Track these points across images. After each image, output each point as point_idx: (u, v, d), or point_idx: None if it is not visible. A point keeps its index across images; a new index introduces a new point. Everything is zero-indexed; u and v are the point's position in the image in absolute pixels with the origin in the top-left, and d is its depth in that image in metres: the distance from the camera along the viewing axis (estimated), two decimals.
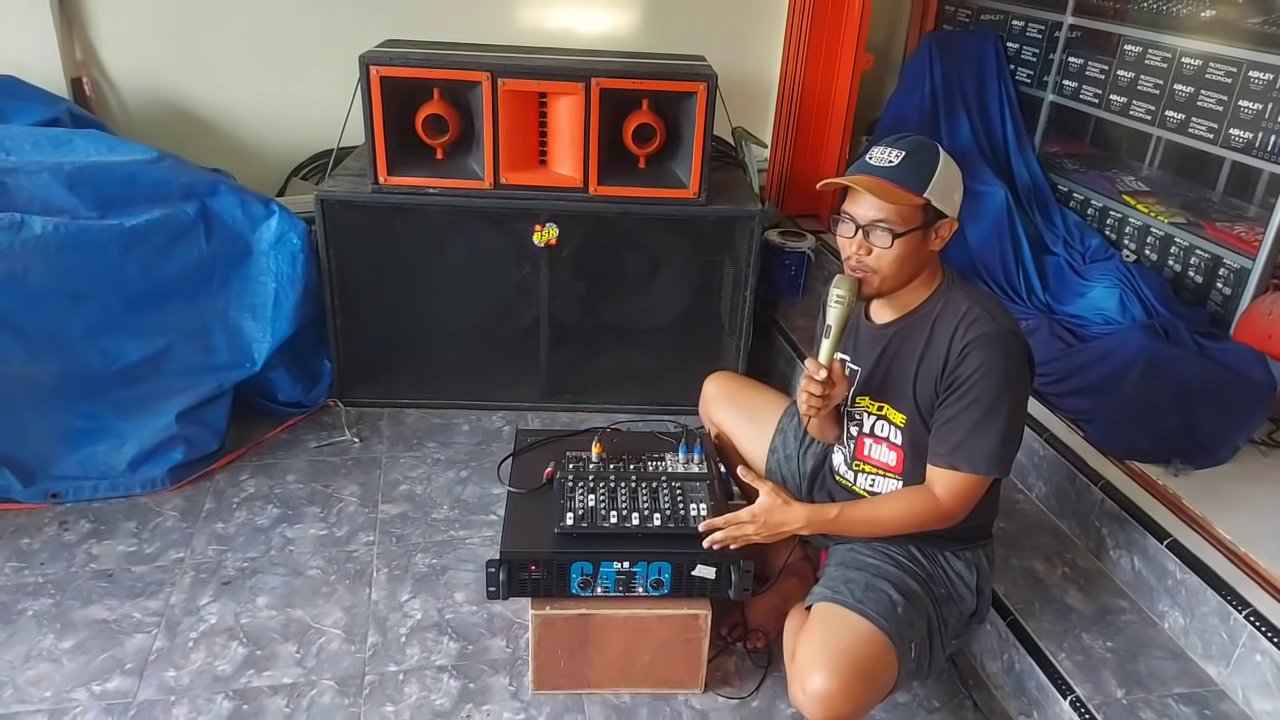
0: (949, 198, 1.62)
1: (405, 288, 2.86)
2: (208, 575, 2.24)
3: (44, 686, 1.90)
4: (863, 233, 1.61)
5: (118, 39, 3.34)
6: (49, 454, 2.46)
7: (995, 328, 1.60)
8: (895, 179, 1.57)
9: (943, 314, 1.67)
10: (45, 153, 2.49)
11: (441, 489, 2.62)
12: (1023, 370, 1.64)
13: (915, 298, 1.71)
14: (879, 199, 1.57)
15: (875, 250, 1.61)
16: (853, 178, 1.60)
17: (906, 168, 1.58)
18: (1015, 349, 1.62)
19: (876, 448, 1.80)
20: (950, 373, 1.63)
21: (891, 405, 1.75)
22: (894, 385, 1.73)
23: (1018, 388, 1.64)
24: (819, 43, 3.64)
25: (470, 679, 1.98)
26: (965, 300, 1.66)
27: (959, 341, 1.61)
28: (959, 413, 1.62)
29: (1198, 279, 2.81)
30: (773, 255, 3.42)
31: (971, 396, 1.60)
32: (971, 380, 1.60)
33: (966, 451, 1.62)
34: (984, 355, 1.59)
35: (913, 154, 1.59)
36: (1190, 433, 2.25)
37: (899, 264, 1.62)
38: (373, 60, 2.56)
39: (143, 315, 2.55)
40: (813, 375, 1.67)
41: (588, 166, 2.70)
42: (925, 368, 1.67)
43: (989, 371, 1.59)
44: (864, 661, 1.57)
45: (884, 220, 1.58)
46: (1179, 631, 1.94)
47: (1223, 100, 2.70)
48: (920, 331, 1.69)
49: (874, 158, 1.61)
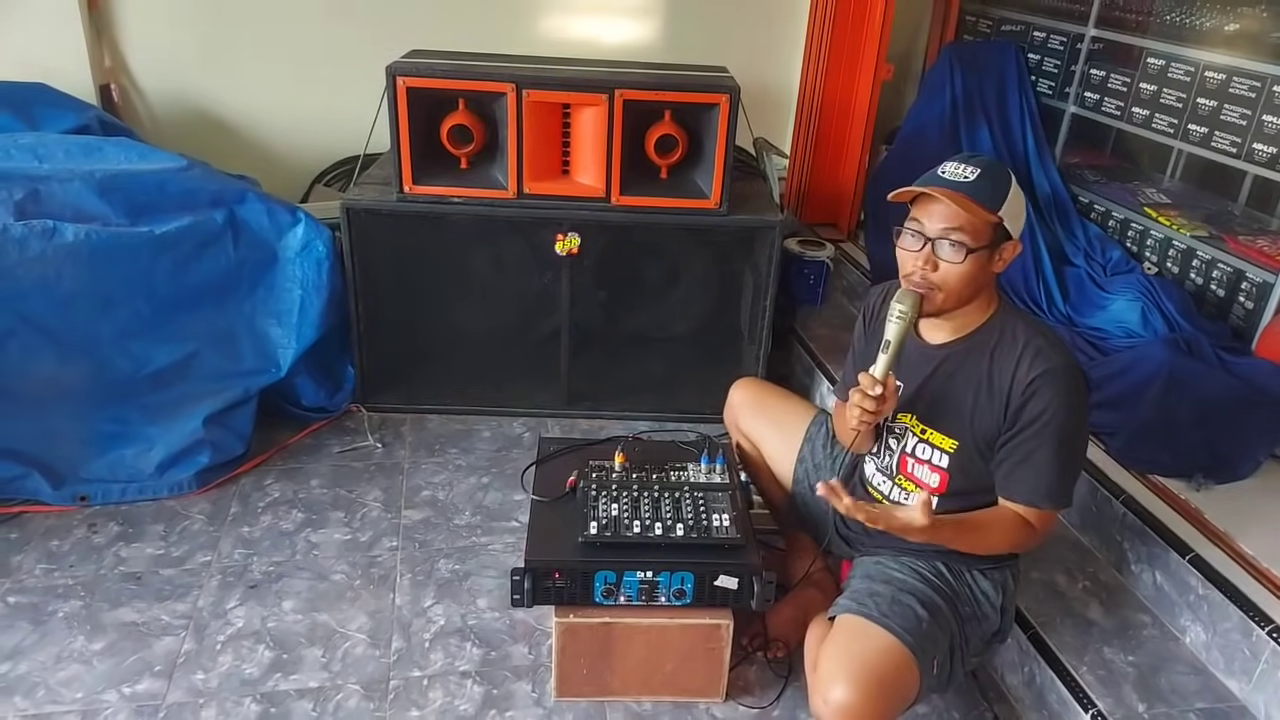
0: (1017, 220, 1.60)
1: (428, 295, 2.89)
2: (234, 579, 2.27)
3: (75, 687, 1.93)
4: (930, 246, 1.58)
5: (146, 46, 3.39)
6: (78, 457, 2.50)
7: (1062, 362, 1.60)
8: (972, 194, 1.55)
9: (1001, 343, 1.65)
10: (77, 160, 2.54)
11: (463, 495, 2.64)
12: (1086, 405, 1.64)
13: (971, 321, 1.68)
14: (957, 209, 1.55)
15: (942, 265, 1.58)
16: (933, 187, 1.57)
17: (983, 184, 1.55)
18: (1080, 384, 1.62)
19: (919, 468, 1.78)
20: (1017, 409, 1.61)
21: (941, 430, 1.73)
22: (946, 411, 1.71)
23: (1084, 422, 1.65)
24: (839, 53, 3.65)
25: (494, 685, 2.00)
26: (1024, 330, 1.65)
27: (1023, 375, 1.60)
28: (1031, 452, 1.61)
29: (1220, 293, 2.81)
30: (792, 264, 3.43)
31: (1044, 437, 1.60)
32: (1044, 420, 1.59)
33: (1046, 489, 1.63)
34: (1052, 392, 1.58)
35: (987, 172, 1.57)
36: (1212, 447, 2.25)
37: (964, 281, 1.59)
38: (399, 71, 2.58)
39: (171, 321, 2.58)
40: (868, 390, 1.62)
41: (610, 177, 2.72)
42: (985, 399, 1.65)
43: (1060, 410, 1.58)
44: (886, 675, 1.56)
45: (957, 233, 1.56)
46: (1200, 647, 1.94)
47: (1246, 115, 2.70)
48: (978, 359, 1.67)
49: (948, 172, 1.58)
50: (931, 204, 1.58)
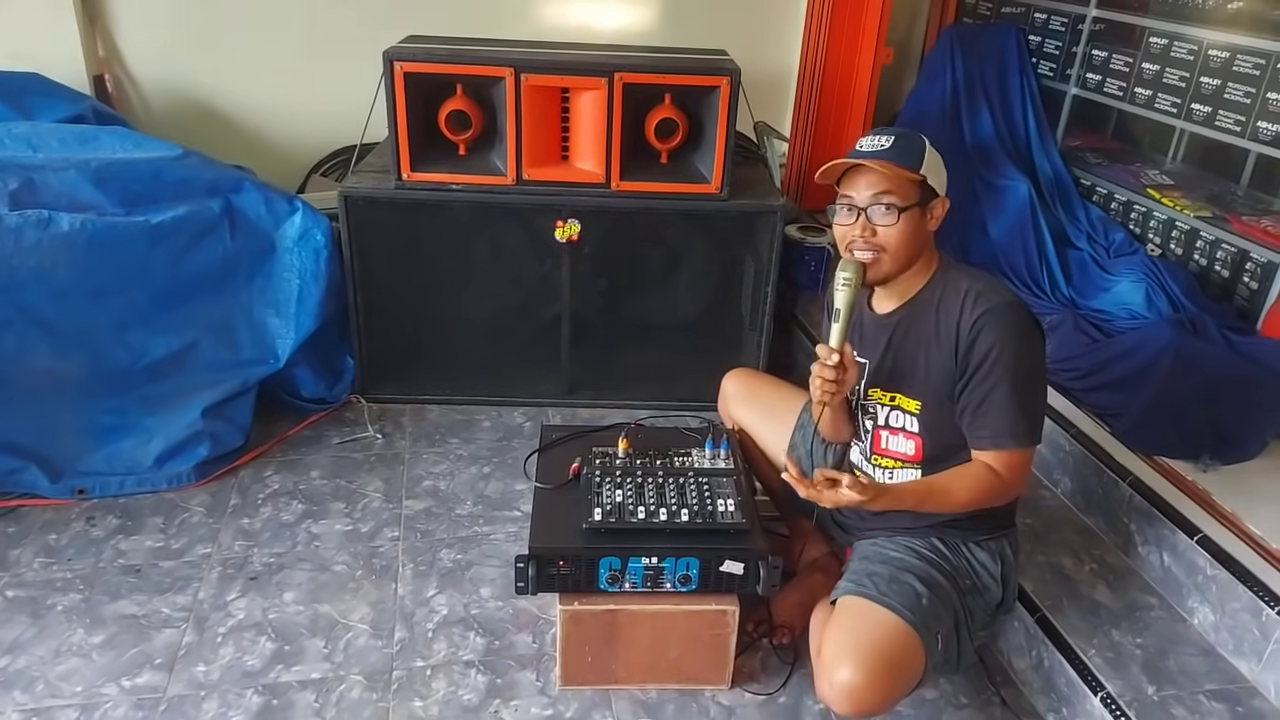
0: (939, 177, 1.68)
1: (427, 284, 2.87)
2: (235, 571, 2.25)
3: (75, 681, 1.91)
4: (864, 215, 1.65)
5: (140, 36, 3.36)
6: (76, 449, 2.48)
7: (1000, 300, 1.63)
8: (892, 158, 1.62)
9: (944, 296, 1.69)
10: (72, 149, 2.51)
11: (465, 485, 2.62)
12: (1035, 336, 1.67)
13: (915, 283, 1.74)
14: (880, 174, 1.62)
15: (880, 230, 1.65)
16: (853, 158, 1.65)
17: (899, 148, 1.64)
18: (1024, 317, 1.65)
19: (894, 439, 1.80)
20: (965, 353, 1.64)
21: (904, 393, 1.76)
22: (904, 373, 1.75)
23: (1037, 355, 1.67)
24: (839, 36, 3.63)
25: (498, 674, 1.98)
26: (964, 279, 1.69)
27: (967, 320, 1.63)
28: (988, 393, 1.63)
29: (1224, 273, 2.79)
30: (792, 250, 3.40)
31: (997, 374, 1.62)
32: (992, 357, 1.61)
33: (1009, 429, 1.64)
34: (997, 330, 1.61)
35: (900, 138, 1.65)
36: (1218, 427, 2.24)
37: (904, 240, 1.65)
38: (397, 56, 2.56)
39: (169, 311, 2.56)
40: (825, 360, 1.67)
41: (610, 162, 2.70)
42: (936, 351, 1.69)
43: (1006, 345, 1.61)
44: (890, 654, 1.57)
45: (886, 195, 1.63)
46: (1209, 628, 1.93)
47: (1250, 93, 2.68)
48: (925, 316, 1.71)
49: (864, 145, 1.66)
50: (857, 176, 1.66)
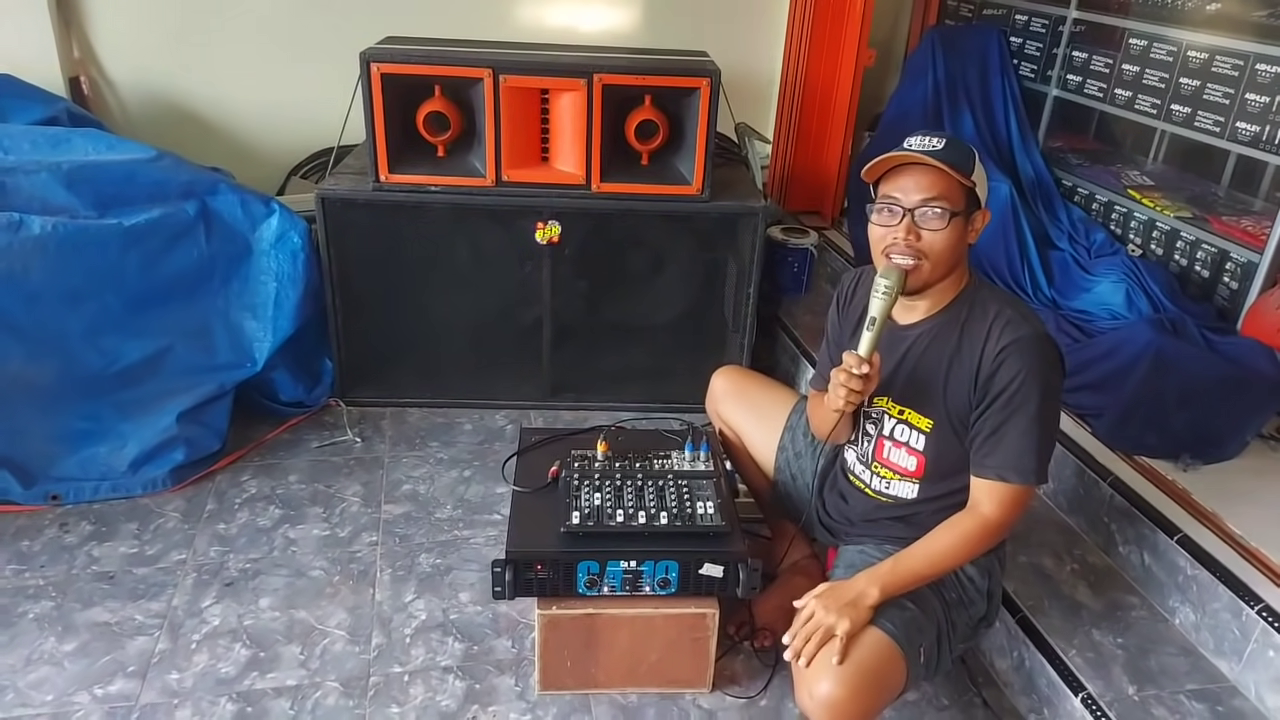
0: (984, 187, 1.61)
1: (407, 286, 2.85)
2: (210, 576, 2.22)
3: (46, 690, 1.88)
4: (910, 217, 1.56)
5: (116, 38, 3.32)
6: (49, 455, 2.44)
7: (1030, 332, 1.57)
8: (946, 160, 1.53)
9: (971, 317, 1.63)
10: (44, 152, 2.48)
11: (445, 489, 2.60)
12: (1058, 375, 1.62)
13: (943, 297, 1.66)
14: (934, 177, 1.54)
15: (925, 234, 1.56)
16: (910, 154, 1.55)
17: (952, 151, 1.55)
18: (1051, 353, 1.59)
19: (896, 451, 1.75)
20: (986, 380, 1.59)
21: (916, 410, 1.70)
22: (921, 389, 1.68)
23: (1056, 394, 1.61)
24: (821, 38, 3.62)
25: (476, 680, 1.96)
26: (994, 303, 1.63)
27: (993, 347, 1.58)
28: (1002, 423, 1.58)
29: (1204, 273, 2.80)
30: (775, 252, 3.40)
31: (1014, 406, 1.56)
32: (1013, 389, 1.56)
33: (1015, 462, 1.58)
34: (1022, 362, 1.55)
35: (952, 142, 1.57)
36: (1199, 427, 2.24)
37: (948, 248, 1.57)
38: (374, 57, 2.54)
39: (143, 315, 2.53)
40: (853, 369, 1.58)
41: (590, 163, 2.68)
42: (957, 373, 1.63)
43: (1030, 379, 1.55)
44: (872, 668, 1.53)
45: (937, 199, 1.54)
46: (1190, 627, 1.93)
47: (1229, 94, 2.69)
48: (948, 334, 1.65)
49: (914, 144, 1.56)
50: (905, 176, 1.57)
